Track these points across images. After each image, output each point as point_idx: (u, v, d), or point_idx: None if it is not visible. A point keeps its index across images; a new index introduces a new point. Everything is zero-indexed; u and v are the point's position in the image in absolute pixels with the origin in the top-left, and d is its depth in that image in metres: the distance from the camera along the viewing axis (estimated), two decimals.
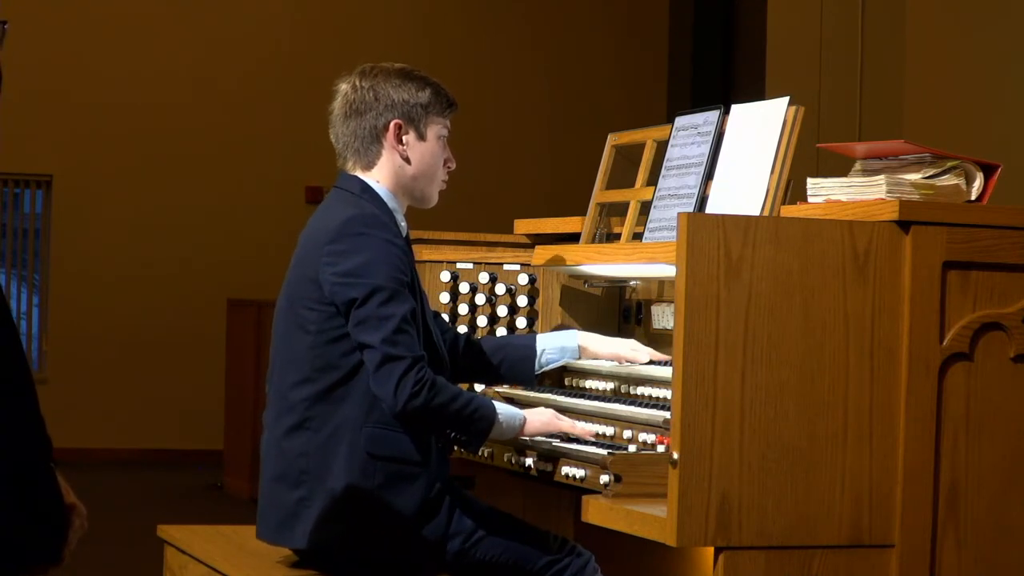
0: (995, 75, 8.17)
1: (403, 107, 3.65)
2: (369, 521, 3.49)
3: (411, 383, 3.42)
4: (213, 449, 11.15)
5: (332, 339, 3.51)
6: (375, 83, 3.66)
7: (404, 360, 3.43)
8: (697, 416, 2.96)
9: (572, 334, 4.00)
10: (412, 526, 3.50)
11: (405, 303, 3.48)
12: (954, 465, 3.14)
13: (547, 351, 3.96)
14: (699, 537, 2.97)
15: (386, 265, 3.48)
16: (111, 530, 8.15)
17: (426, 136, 3.68)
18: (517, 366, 3.96)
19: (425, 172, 3.69)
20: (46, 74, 12.11)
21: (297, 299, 3.57)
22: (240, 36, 12.64)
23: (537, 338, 3.98)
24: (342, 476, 3.48)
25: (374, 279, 3.46)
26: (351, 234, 3.50)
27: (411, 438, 3.51)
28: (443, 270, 4.33)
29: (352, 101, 3.66)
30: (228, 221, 12.50)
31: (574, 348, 3.97)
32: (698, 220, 3.00)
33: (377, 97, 3.65)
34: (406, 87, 3.67)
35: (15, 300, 12.51)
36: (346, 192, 3.65)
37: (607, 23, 13.43)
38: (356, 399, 3.50)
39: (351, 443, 3.49)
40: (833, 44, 9.29)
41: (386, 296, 3.46)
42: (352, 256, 3.48)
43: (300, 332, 3.54)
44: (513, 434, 3.64)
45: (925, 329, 3.10)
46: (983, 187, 3.34)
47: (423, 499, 3.51)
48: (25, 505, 2.19)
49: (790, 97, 3.58)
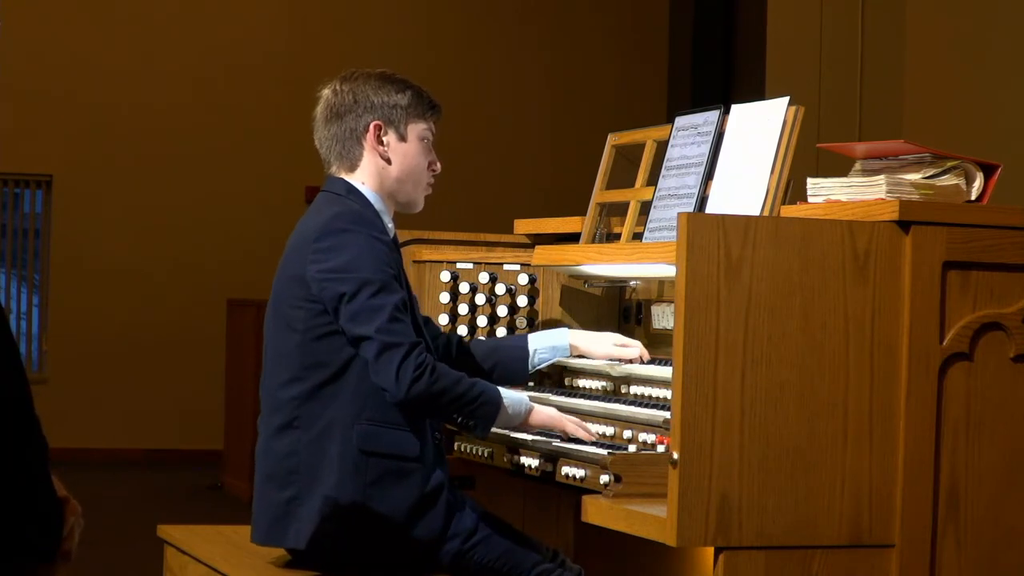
0: (995, 75, 8.17)
1: (382, 108, 3.67)
2: (363, 518, 3.49)
3: (412, 367, 3.43)
4: (213, 449, 11.15)
5: (319, 336, 3.52)
6: (354, 86, 3.69)
7: (402, 347, 3.44)
8: (697, 416, 2.96)
9: (563, 333, 4.01)
10: (407, 522, 3.50)
11: (395, 293, 3.49)
12: (954, 465, 3.14)
13: (539, 351, 3.97)
14: (699, 537, 2.97)
15: (372, 259, 3.50)
16: (111, 530, 8.15)
17: (407, 137, 3.69)
18: (510, 367, 3.97)
19: (408, 174, 3.70)
20: (46, 74, 12.12)
21: (284, 299, 3.58)
22: (240, 36, 12.64)
23: (528, 338, 3.99)
24: (335, 474, 3.48)
25: (362, 273, 3.48)
26: (336, 231, 3.52)
27: (406, 434, 3.51)
28: (443, 270, 4.33)
29: (332, 105, 3.69)
30: (228, 221, 12.50)
31: (565, 347, 3.99)
32: (698, 220, 3.00)
33: (356, 99, 3.67)
34: (385, 89, 3.69)
35: (15, 300, 12.51)
36: (332, 194, 3.67)
37: (607, 23, 13.43)
38: (347, 396, 3.51)
39: (343, 441, 3.49)
40: (833, 44, 9.29)
41: (376, 288, 3.47)
42: (338, 252, 3.50)
43: (288, 331, 3.55)
44: (519, 421, 3.63)
45: (925, 329, 3.10)
46: (983, 187, 3.34)
47: (419, 495, 3.51)
48: (21, 506, 2.19)
49: (790, 97, 3.58)
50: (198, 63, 12.53)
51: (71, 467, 9.63)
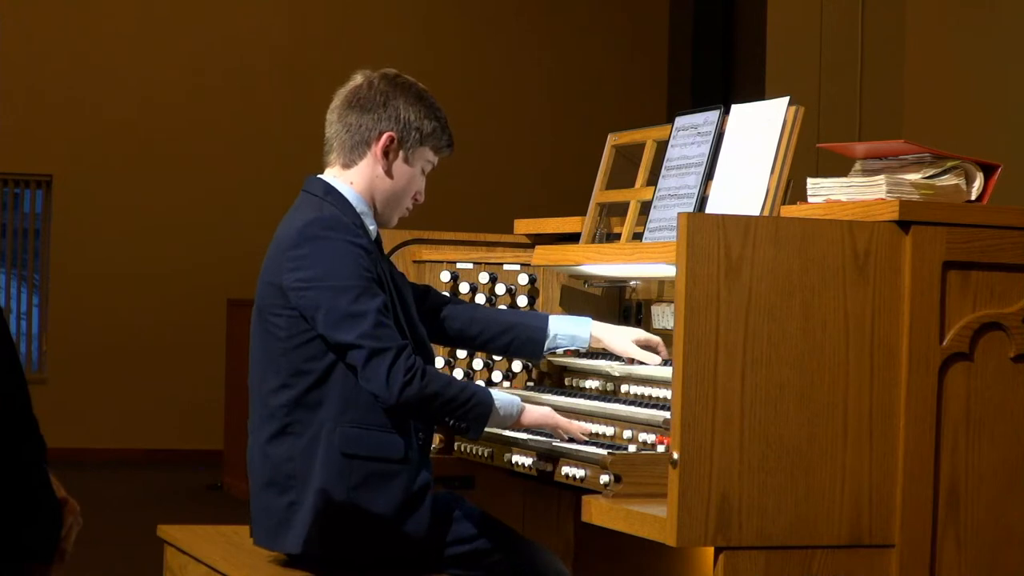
0: (995, 75, 8.17)
1: (405, 125, 3.62)
2: (350, 521, 3.48)
3: (402, 371, 3.41)
4: (213, 449, 11.16)
5: (301, 343, 3.50)
6: (390, 90, 3.62)
7: (390, 351, 3.42)
8: (697, 416, 2.96)
9: (586, 323, 3.92)
10: (394, 522, 3.49)
11: (376, 297, 3.46)
12: (954, 465, 3.14)
13: (559, 336, 3.91)
14: (699, 537, 2.97)
15: (349, 264, 3.46)
16: (111, 530, 8.15)
17: (412, 162, 3.65)
18: (527, 346, 3.91)
19: (396, 194, 3.65)
20: (46, 74, 12.12)
21: (265, 306, 3.56)
22: (240, 36, 12.64)
23: (550, 320, 3.92)
24: (322, 477, 3.47)
25: (339, 280, 3.44)
26: (310, 237, 3.48)
27: (390, 435, 3.49)
28: (443, 270, 4.33)
29: (361, 97, 3.63)
30: (228, 221, 12.51)
31: (585, 339, 3.90)
32: (698, 220, 3.00)
33: (386, 103, 3.62)
34: (417, 108, 3.63)
35: (15, 300, 12.51)
36: (309, 195, 3.62)
37: (607, 23, 13.43)
38: (332, 401, 3.49)
39: (327, 445, 3.48)
40: (833, 44, 9.29)
41: (355, 294, 3.44)
42: (313, 260, 3.46)
43: (272, 339, 3.54)
44: (511, 422, 3.62)
45: (925, 329, 3.10)
46: (983, 187, 3.34)
47: (404, 496, 3.50)
48: (18, 506, 2.19)
49: (790, 97, 3.58)
50: (198, 63, 12.53)
51: (71, 467, 9.64)
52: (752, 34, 11.94)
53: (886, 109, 8.85)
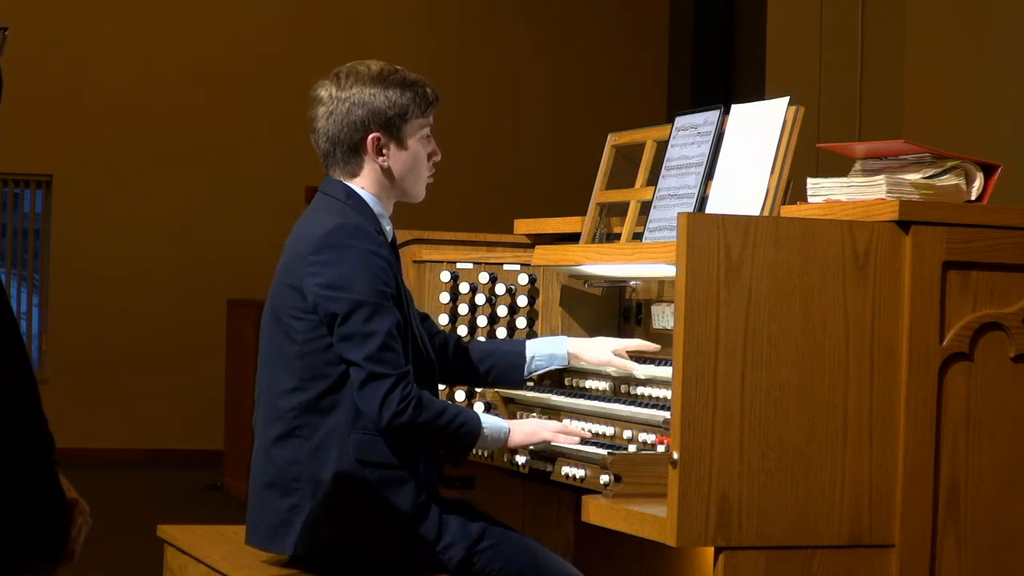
0: (995, 75, 8.17)
1: (381, 118, 3.59)
2: (359, 526, 3.49)
3: (396, 401, 3.41)
4: (213, 449, 11.15)
5: (319, 348, 3.49)
6: (351, 94, 3.58)
7: (389, 378, 3.42)
8: (697, 416, 2.96)
9: (562, 341, 3.97)
10: (403, 530, 3.50)
11: (389, 317, 3.46)
12: (954, 465, 3.14)
13: (536, 358, 3.95)
14: (699, 537, 2.97)
15: (368, 278, 3.45)
16: (111, 530, 8.14)
17: (406, 144, 3.62)
18: (506, 372, 3.95)
19: (409, 175, 3.65)
20: (47, 74, 12.11)
21: (282, 308, 3.55)
22: (240, 36, 12.64)
23: (527, 344, 3.96)
24: (332, 482, 3.47)
25: (356, 294, 3.44)
26: (333, 245, 3.47)
27: (398, 443, 3.50)
28: (443, 270, 4.33)
29: (331, 112, 3.59)
30: (228, 221, 12.50)
31: (563, 356, 3.95)
32: (698, 220, 3.00)
33: (350, 109, 3.57)
34: (384, 95, 3.59)
35: (15, 300, 12.51)
36: (331, 198, 3.60)
37: (607, 23, 13.42)
38: (345, 407, 3.49)
39: (340, 450, 3.48)
40: (833, 44, 9.29)
41: (369, 312, 3.44)
42: (334, 268, 3.46)
43: (288, 341, 3.53)
44: (498, 446, 3.65)
45: (925, 329, 3.11)
46: (983, 187, 3.34)
47: (413, 503, 3.51)
48: (27, 504, 2.20)
49: (790, 97, 3.58)
50: (198, 63, 12.52)
51: (71, 467, 9.61)
52: (752, 34, 11.93)
53: (886, 109, 8.85)
